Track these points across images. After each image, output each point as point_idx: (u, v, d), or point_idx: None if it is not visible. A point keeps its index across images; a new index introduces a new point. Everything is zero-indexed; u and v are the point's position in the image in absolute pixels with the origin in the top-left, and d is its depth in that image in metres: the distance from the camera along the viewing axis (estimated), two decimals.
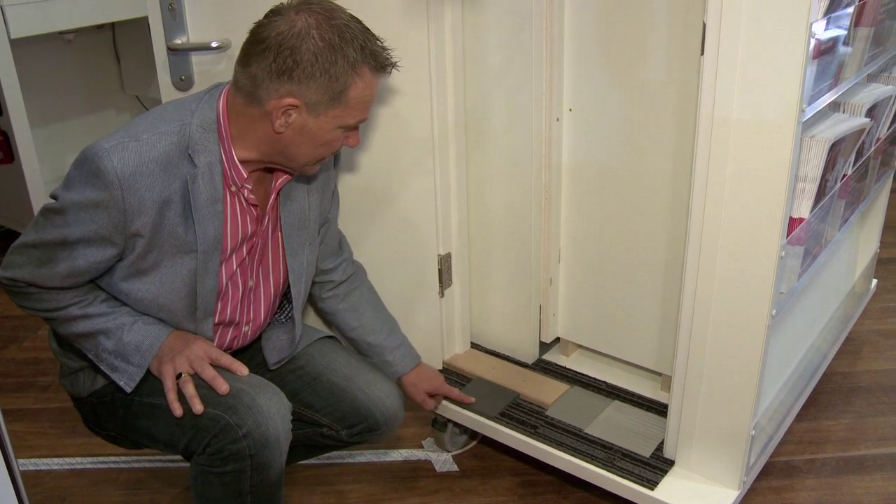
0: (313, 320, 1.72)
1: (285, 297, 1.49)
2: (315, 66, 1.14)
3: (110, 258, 1.22)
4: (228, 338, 1.41)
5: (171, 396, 1.25)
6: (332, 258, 1.54)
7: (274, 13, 1.18)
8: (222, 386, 1.24)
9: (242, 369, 1.29)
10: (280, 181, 1.32)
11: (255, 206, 1.31)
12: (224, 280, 1.32)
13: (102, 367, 1.29)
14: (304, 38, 1.14)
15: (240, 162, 1.24)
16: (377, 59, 1.20)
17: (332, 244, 1.53)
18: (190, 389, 1.25)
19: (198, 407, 1.23)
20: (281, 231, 1.38)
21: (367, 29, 1.21)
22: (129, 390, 1.28)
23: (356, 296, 1.57)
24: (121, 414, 1.35)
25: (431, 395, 1.64)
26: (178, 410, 1.25)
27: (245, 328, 1.42)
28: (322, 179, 1.42)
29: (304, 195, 1.39)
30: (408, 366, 1.59)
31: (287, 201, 1.37)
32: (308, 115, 1.19)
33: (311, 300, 1.62)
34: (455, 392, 1.66)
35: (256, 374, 1.35)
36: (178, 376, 1.26)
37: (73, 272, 1.22)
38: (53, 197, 1.21)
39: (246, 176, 1.25)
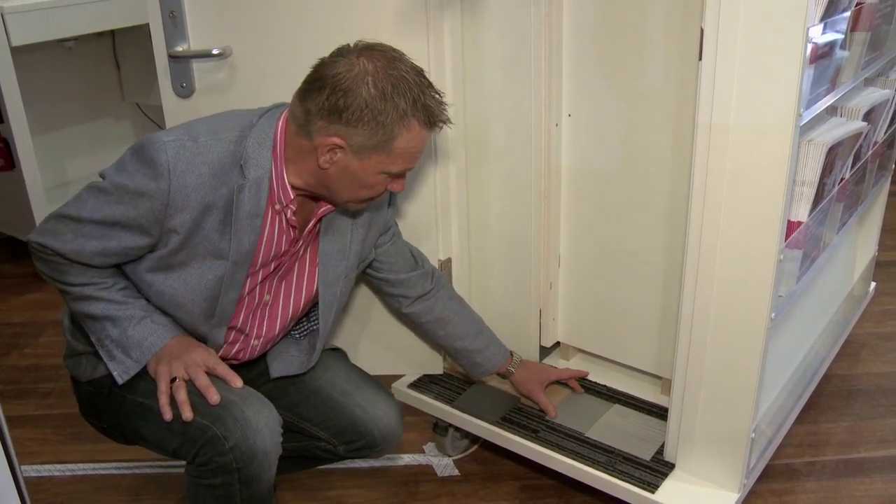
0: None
1: (306, 315, 1.50)
2: (364, 111, 1.15)
3: (142, 247, 1.24)
4: (236, 347, 1.41)
5: (164, 400, 1.26)
6: (407, 270, 1.53)
7: (338, 53, 1.20)
8: (213, 396, 1.25)
9: (237, 381, 1.30)
10: (322, 210, 1.33)
11: (294, 227, 1.32)
12: (246, 290, 1.33)
13: (101, 353, 1.30)
14: (359, 82, 1.15)
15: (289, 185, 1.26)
16: (428, 114, 1.20)
17: (404, 256, 1.53)
18: (182, 395, 1.25)
19: (187, 414, 1.24)
20: (313, 256, 1.39)
21: (427, 83, 1.21)
22: (120, 382, 1.29)
23: (438, 309, 1.57)
24: (115, 409, 1.35)
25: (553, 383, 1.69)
26: (167, 415, 1.26)
27: (255, 341, 1.42)
28: (370, 216, 1.42)
29: (348, 228, 1.39)
30: (497, 363, 1.64)
31: (329, 231, 1.37)
32: (352, 157, 1.20)
33: (394, 311, 1.64)
34: (565, 373, 1.73)
35: (258, 382, 1.34)
36: (174, 380, 1.27)
37: (103, 252, 1.24)
38: (101, 176, 1.23)
39: (292, 197, 1.27)
